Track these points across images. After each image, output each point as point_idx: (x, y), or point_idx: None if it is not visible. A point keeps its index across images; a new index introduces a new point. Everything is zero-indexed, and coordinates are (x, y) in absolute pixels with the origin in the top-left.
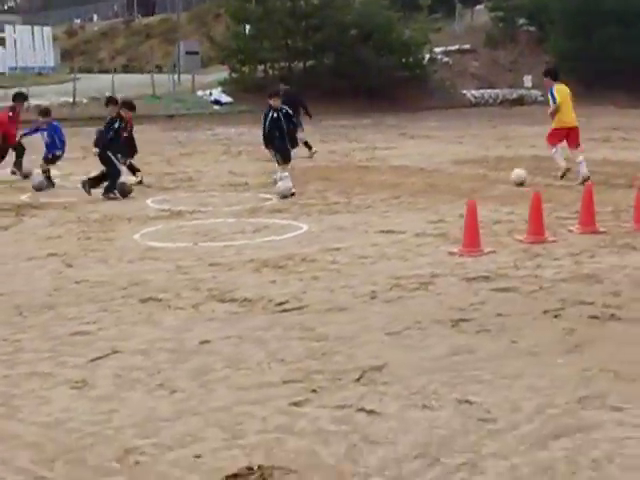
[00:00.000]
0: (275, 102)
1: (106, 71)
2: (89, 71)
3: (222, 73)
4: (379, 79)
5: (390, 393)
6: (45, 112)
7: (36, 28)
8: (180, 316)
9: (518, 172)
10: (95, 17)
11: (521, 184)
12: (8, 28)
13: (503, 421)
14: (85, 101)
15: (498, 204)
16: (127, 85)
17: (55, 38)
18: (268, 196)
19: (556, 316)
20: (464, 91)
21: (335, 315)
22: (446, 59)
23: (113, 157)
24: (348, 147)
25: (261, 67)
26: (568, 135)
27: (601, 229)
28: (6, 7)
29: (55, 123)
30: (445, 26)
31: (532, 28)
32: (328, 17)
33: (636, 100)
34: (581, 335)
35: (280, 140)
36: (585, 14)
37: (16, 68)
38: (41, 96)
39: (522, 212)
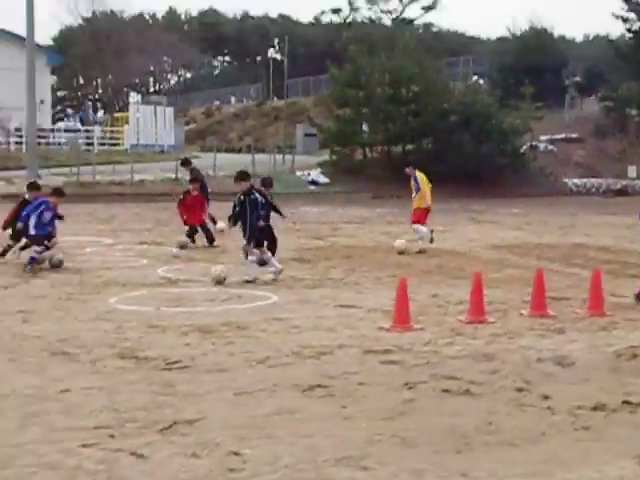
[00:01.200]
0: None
1: (232, 150)
2: (217, 150)
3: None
4: (477, 165)
5: (177, 442)
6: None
7: (159, 108)
8: (70, 368)
9: (398, 242)
10: (233, 99)
11: (401, 253)
12: (132, 107)
13: (250, 471)
14: (187, 178)
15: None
16: (232, 164)
17: (192, 119)
18: (273, 268)
19: (410, 388)
20: (566, 179)
21: (208, 375)
22: (551, 147)
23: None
24: (409, 229)
25: (360, 150)
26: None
27: (551, 313)
28: (158, 88)
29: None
30: (555, 115)
31: None
32: (428, 103)
33: None
34: (414, 405)
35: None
36: None
37: (137, 145)
38: (145, 171)
39: (501, 295)
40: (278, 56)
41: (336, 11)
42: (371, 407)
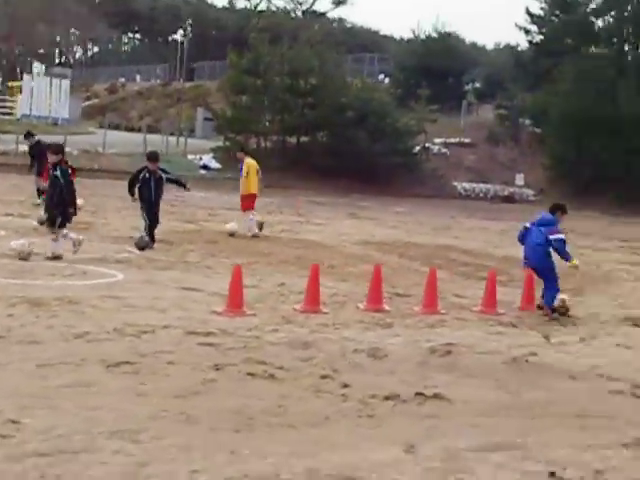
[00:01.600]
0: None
1: (132, 129)
2: (117, 127)
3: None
4: (371, 162)
5: None
6: None
7: (55, 80)
8: None
9: (229, 224)
10: (138, 78)
11: (232, 235)
12: (26, 77)
13: (19, 439)
14: (75, 153)
15: (334, 279)
16: (124, 143)
17: (95, 94)
18: (129, 249)
19: (218, 369)
20: (455, 183)
21: (18, 346)
22: (444, 150)
23: None
24: (286, 220)
25: (254, 139)
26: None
27: (387, 308)
28: (63, 60)
29: None
30: (452, 119)
31: (537, 129)
32: (325, 97)
33: (622, 208)
34: (213, 385)
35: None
36: (579, 122)
37: (29, 116)
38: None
39: (347, 287)
40: (185, 38)
41: None
42: (170, 385)
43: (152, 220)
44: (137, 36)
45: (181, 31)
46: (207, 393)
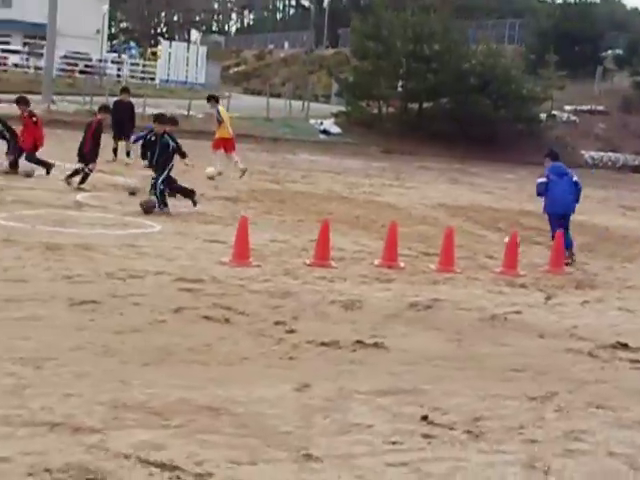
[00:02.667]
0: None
1: (273, 95)
2: (259, 93)
3: None
4: (493, 128)
5: None
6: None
7: (192, 46)
8: None
9: (208, 169)
10: (286, 44)
11: (211, 178)
12: (165, 43)
13: None
14: (200, 116)
15: (375, 237)
16: (250, 107)
17: (244, 60)
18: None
19: (176, 312)
20: (583, 151)
21: (1, 284)
22: (574, 118)
23: None
24: (377, 183)
25: (375, 104)
26: (226, 144)
27: (401, 265)
28: (219, 28)
29: None
30: (585, 85)
31: None
32: (448, 63)
33: None
34: (161, 326)
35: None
36: None
37: (167, 81)
38: (160, 107)
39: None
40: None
41: None
42: (116, 323)
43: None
44: (292, 3)
45: None
46: (147, 331)
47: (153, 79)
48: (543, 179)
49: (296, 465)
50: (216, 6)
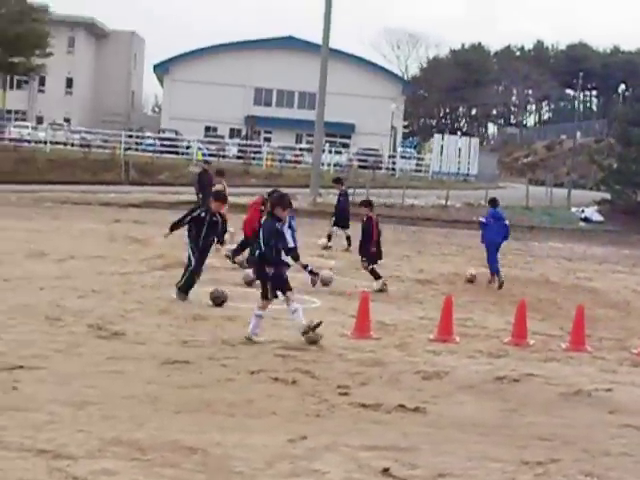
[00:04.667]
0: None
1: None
2: (542, 183)
3: None
4: None
5: None
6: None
7: (463, 138)
8: None
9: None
10: (579, 134)
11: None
12: (437, 137)
13: None
14: (458, 206)
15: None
16: (513, 197)
17: (534, 151)
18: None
19: (253, 373)
20: None
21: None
22: None
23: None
24: (603, 269)
25: None
26: None
27: (531, 342)
28: (514, 121)
29: None
30: None
31: None
32: None
33: None
34: (229, 384)
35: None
36: None
37: (439, 172)
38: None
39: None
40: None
41: None
42: (189, 379)
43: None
44: (593, 93)
45: (623, 85)
46: (208, 387)
47: (427, 171)
48: (483, 219)
49: None
50: (514, 99)
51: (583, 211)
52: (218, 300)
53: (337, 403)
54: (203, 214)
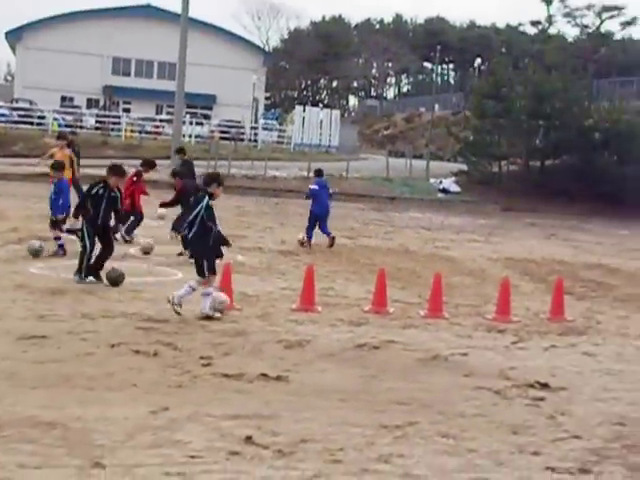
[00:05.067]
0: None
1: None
2: (402, 155)
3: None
4: (619, 186)
5: None
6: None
7: (325, 110)
8: None
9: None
10: (437, 107)
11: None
12: (298, 108)
13: None
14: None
15: (401, 285)
16: (372, 168)
17: (393, 124)
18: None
19: (113, 346)
20: None
21: None
22: None
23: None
24: (460, 238)
25: (495, 163)
26: None
27: (390, 311)
28: (375, 94)
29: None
30: None
31: None
32: (570, 119)
33: None
34: (88, 358)
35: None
36: None
37: (301, 144)
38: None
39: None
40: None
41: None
42: (47, 354)
43: (91, 247)
44: (451, 66)
45: (479, 59)
46: (67, 362)
47: (289, 143)
48: (314, 187)
49: (77, 471)
50: (374, 71)
51: (441, 182)
52: (119, 279)
53: (199, 374)
54: (101, 190)
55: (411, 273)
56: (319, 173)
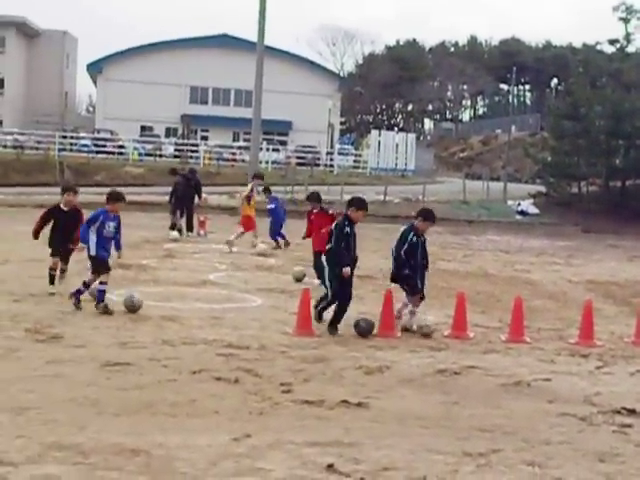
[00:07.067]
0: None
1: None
2: (479, 178)
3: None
4: None
5: None
6: None
7: (400, 134)
8: None
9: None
10: (514, 128)
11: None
12: (374, 132)
13: None
14: (396, 201)
15: (481, 310)
16: (449, 191)
17: (470, 146)
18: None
19: (194, 372)
20: None
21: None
22: None
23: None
24: (539, 261)
25: (575, 183)
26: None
27: (470, 336)
28: (450, 116)
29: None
30: None
31: None
32: None
33: None
34: (170, 385)
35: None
36: None
37: (377, 168)
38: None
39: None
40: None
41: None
42: (129, 380)
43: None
44: (527, 87)
45: (555, 79)
46: (149, 388)
47: (365, 167)
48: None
49: None
50: (449, 94)
51: (519, 204)
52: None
53: (280, 401)
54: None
55: (490, 297)
56: (269, 191)
